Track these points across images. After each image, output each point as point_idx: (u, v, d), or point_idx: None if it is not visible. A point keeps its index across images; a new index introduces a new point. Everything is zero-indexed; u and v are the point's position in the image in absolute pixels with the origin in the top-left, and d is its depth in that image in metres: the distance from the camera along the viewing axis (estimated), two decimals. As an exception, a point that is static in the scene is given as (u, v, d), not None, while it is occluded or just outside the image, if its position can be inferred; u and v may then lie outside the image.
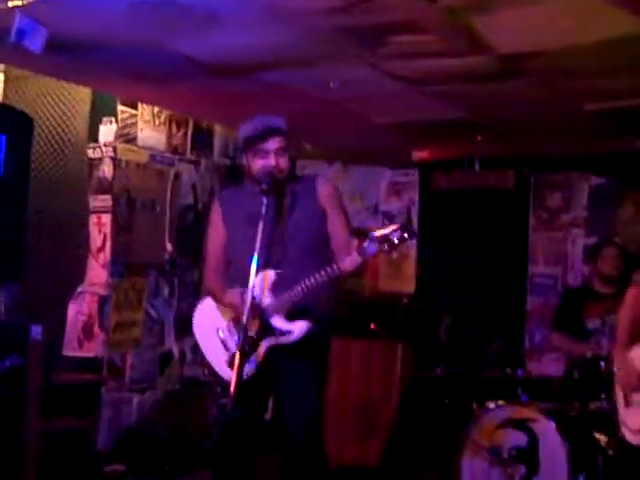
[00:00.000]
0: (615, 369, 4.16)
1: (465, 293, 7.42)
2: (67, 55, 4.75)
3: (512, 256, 7.59)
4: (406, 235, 3.52)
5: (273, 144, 3.79)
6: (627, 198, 7.21)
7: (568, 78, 5.07)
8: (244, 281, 3.67)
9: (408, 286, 7.89)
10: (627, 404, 3.99)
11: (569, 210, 7.51)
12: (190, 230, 6.46)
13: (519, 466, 5.02)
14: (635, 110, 5.72)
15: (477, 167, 7.65)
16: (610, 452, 4.83)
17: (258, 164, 3.80)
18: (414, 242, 7.41)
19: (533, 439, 5.04)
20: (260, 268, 3.63)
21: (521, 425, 5.09)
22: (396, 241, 3.52)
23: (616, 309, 4.37)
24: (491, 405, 5.25)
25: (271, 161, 3.77)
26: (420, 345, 6.65)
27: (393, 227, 3.54)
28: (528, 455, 5.01)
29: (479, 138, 6.78)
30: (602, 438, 4.93)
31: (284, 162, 3.81)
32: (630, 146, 6.82)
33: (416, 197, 8.10)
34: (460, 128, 6.49)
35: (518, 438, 5.07)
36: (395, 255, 3.59)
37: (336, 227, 3.89)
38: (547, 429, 5.00)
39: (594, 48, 4.39)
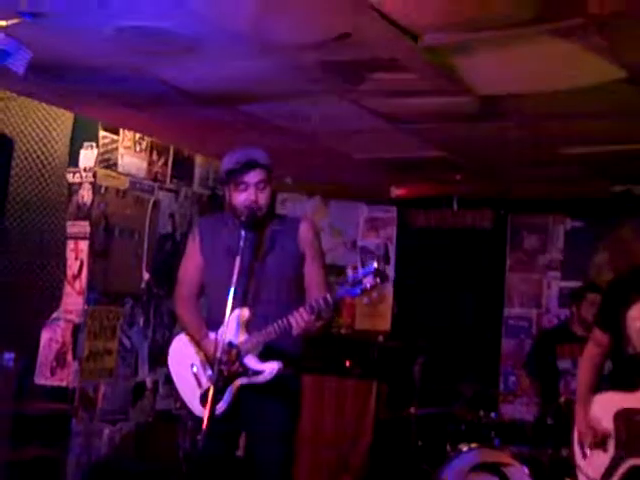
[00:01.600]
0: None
1: (441, 332, 7.42)
2: (50, 78, 4.74)
3: (488, 296, 7.62)
4: (378, 280, 3.52)
5: (254, 177, 3.77)
6: (602, 243, 7.26)
7: (545, 122, 5.14)
8: (219, 315, 3.66)
9: (384, 324, 7.89)
10: (584, 455, 4.01)
11: (545, 252, 7.54)
12: (167, 259, 6.41)
13: (491, 510, 5.00)
14: (611, 156, 5.79)
15: (455, 206, 7.68)
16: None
17: (238, 197, 3.78)
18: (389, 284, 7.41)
19: (506, 484, 5.02)
20: (235, 305, 3.61)
21: (494, 469, 5.08)
22: (368, 286, 3.52)
23: None
24: (464, 448, 5.24)
25: (251, 195, 3.76)
26: (394, 384, 6.63)
27: (366, 271, 3.53)
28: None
29: (458, 177, 6.82)
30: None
31: (264, 197, 3.78)
32: (605, 191, 6.88)
33: (394, 234, 8.12)
34: (439, 166, 6.54)
35: (491, 482, 5.05)
36: (366, 300, 3.58)
37: (312, 272, 3.88)
38: (520, 474, 5.00)
39: (571, 93, 4.45)
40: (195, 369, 3.86)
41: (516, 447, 5.25)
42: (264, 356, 3.72)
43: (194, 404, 3.83)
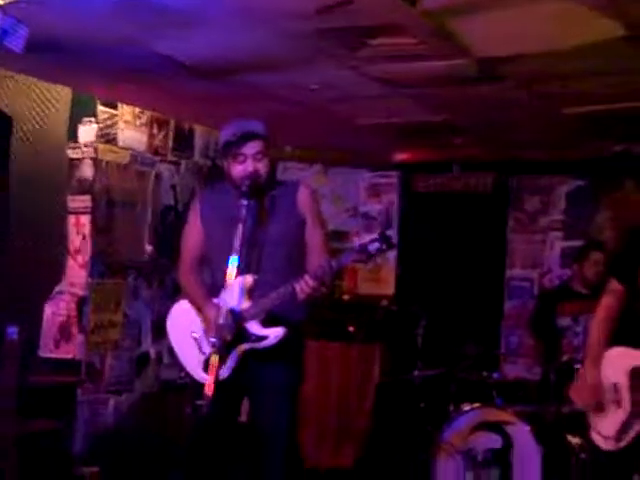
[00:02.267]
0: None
1: (443, 295, 7.46)
2: (47, 55, 4.74)
3: (490, 259, 7.64)
4: (384, 246, 3.56)
5: (251, 148, 3.79)
6: (603, 202, 7.27)
7: (546, 82, 5.11)
8: (222, 283, 3.70)
9: (387, 288, 7.93)
10: (597, 412, 3.99)
11: (547, 213, 7.56)
12: (170, 231, 6.44)
13: (493, 469, 5.05)
14: (613, 114, 5.78)
15: (457, 170, 7.69)
16: (583, 455, 4.87)
17: (237, 169, 3.81)
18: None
19: (507, 442, 5.08)
20: (238, 272, 3.65)
21: (496, 428, 5.13)
22: (373, 252, 3.55)
23: (591, 309, 4.33)
24: (466, 407, 5.29)
25: (249, 166, 3.78)
26: (397, 348, 6.68)
27: (372, 237, 3.57)
28: (502, 458, 5.05)
29: (458, 141, 6.83)
30: (575, 441, 4.97)
31: (263, 167, 3.81)
32: (608, 150, 6.88)
33: (396, 199, 8.13)
34: (440, 130, 6.53)
35: (493, 441, 5.11)
36: (370, 265, 3.62)
37: (314, 237, 3.91)
38: (522, 432, 5.05)
39: (572, 52, 4.43)
40: (196, 335, 3.90)
41: (518, 406, 5.29)
42: (268, 322, 3.75)
43: (196, 370, 3.87)
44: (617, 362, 3.96)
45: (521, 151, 7.26)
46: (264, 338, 3.74)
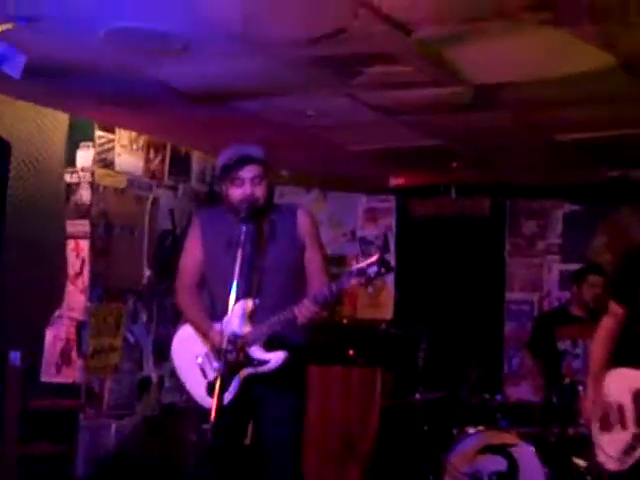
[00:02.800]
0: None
1: (443, 319, 7.45)
2: (45, 80, 4.77)
3: (489, 282, 7.64)
4: (383, 270, 3.57)
5: (249, 172, 3.79)
6: (600, 227, 7.29)
7: (539, 109, 5.16)
8: (222, 308, 3.69)
9: (386, 313, 7.92)
10: (602, 428, 4.00)
11: (544, 237, 7.58)
12: (168, 255, 6.44)
13: (499, 491, 5.04)
14: (606, 141, 5.82)
15: (453, 194, 7.70)
16: (589, 478, 4.86)
17: (235, 193, 3.81)
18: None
19: (513, 464, 5.05)
20: (239, 297, 3.65)
21: (501, 450, 5.10)
22: (372, 275, 3.56)
23: (590, 333, 4.35)
24: (471, 430, 5.27)
25: (247, 190, 3.79)
26: (399, 371, 6.67)
27: (370, 260, 3.58)
28: (508, 480, 5.03)
29: (454, 165, 6.85)
30: (581, 463, 4.96)
31: (260, 191, 3.81)
32: (602, 176, 6.91)
33: (393, 223, 8.14)
34: (436, 155, 6.56)
35: (498, 463, 5.08)
36: (371, 289, 3.63)
37: (313, 261, 3.92)
38: (527, 454, 5.02)
39: (565, 80, 4.48)
40: (200, 360, 3.89)
41: (522, 428, 5.27)
42: (269, 346, 3.75)
43: (200, 395, 3.86)
44: (621, 383, 3.96)
45: (516, 175, 7.29)
46: (266, 362, 3.74)
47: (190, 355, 3.94)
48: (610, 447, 3.92)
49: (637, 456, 3.84)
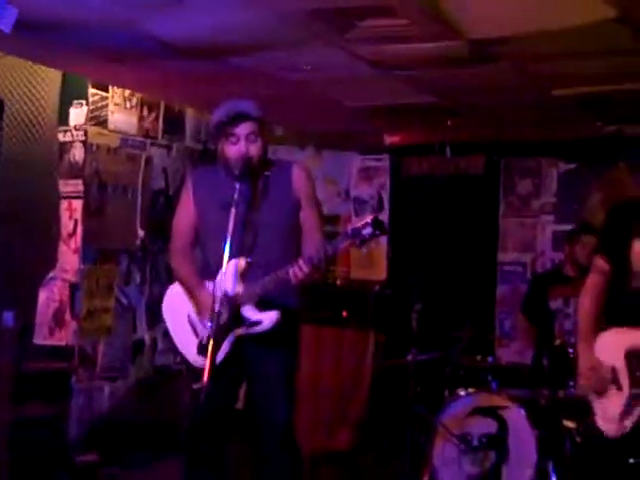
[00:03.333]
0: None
1: (436, 280, 7.45)
2: (37, 36, 4.70)
3: (482, 242, 7.63)
4: (377, 231, 3.52)
5: (244, 129, 3.74)
6: (595, 185, 7.26)
7: (537, 63, 5.12)
8: (215, 267, 3.67)
9: (380, 273, 7.92)
10: (598, 396, 3.97)
11: (539, 196, 7.55)
12: (162, 215, 6.41)
13: (489, 453, 5.06)
14: (602, 96, 5.78)
15: (448, 152, 7.67)
16: (578, 439, 4.88)
17: (230, 150, 3.77)
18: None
19: (503, 426, 5.08)
20: (232, 255, 3.62)
21: (491, 412, 5.13)
22: (367, 237, 3.53)
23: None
24: (462, 393, 5.29)
25: (242, 147, 3.74)
26: (391, 332, 6.68)
27: (365, 221, 3.54)
28: (498, 442, 5.05)
29: (449, 123, 6.81)
30: (570, 425, 4.98)
31: (255, 148, 3.77)
32: (598, 132, 6.88)
33: (387, 182, 8.11)
34: (431, 113, 6.53)
35: (488, 425, 5.11)
36: (365, 250, 3.60)
37: (309, 219, 3.88)
38: (517, 416, 5.05)
39: (562, 34, 4.43)
40: (191, 318, 3.88)
41: (513, 390, 5.30)
42: (261, 306, 3.73)
43: (191, 354, 3.84)
44: (612, 344, 3.93)
45: (512, 132, 7.25)
46: (259, 323, 3.72)
47: (181, 314, 3.92)
48: (608, 411, 3.90)
49: (634, 419, 3.83)
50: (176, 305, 3.98)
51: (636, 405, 3.83)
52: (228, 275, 3.65)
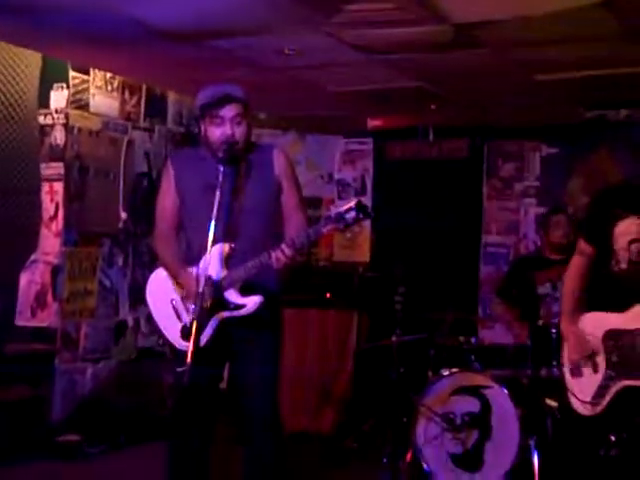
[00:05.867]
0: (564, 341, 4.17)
1: (419, 262, 7.46)
2: (17, 18, 4.67)
3: (466, 225, 7.67)
4: (361, 215, 3.52)
5: (229, 111, 3.73)
6: (577, 169, 7.30)
7: (519, 48, 5.13)
8: (198, 249, 3.67)
9: (363, 256, 7.95)
10: (574, 374, 4.03)
11: (522, 179, 7.58)
12: (144, 198, 6.41)
13: (472, 431, 5.09)
14: (585, 82, 5.80)
15: (431, 136, 7.68)
16: (559, 417, 4.93)
17: (215, 132, 3.75)
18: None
19: (486, 405, 5.11)
20: (216, 240, 3.62)
21: (474, 392, 5.16)
22: (350, 221, 3.53)
23: None
24: (445, 372, 5.32)
25: (227, 129, 3.73)
26: (375, 314, 6.70)
27: (349, 205, 3.54)
28: (481, 420, 5.08)
29: (433, 107, 6.82)
30: (552, 403, 5.02)
31: (240, 131, 3.75)
32: (580, 117, 6.90)
33: (370, 166, 8.13)
34: (414, 97, 6.53)
35: (471, 404, 5.14)
36: (349, 234, 3.60)
37: (290, 201, 3.88)
38: (499, 395, 5.08)
39: (544, 19, 4.44)
40: (175, 303, 3.88)
41: (496, 370, 5.33)
42: (245, 290, 3.73)
43: (175, 338, 3.84)
44: (591, 327, 4.00)
45: (495, 117, 7.27)
46: (242, 306, 3.72)
47: (165, 298, 3.91)
48: (583, 391, 3.96)
49: (608, 399, 3.88)
50: (160, 290, 3.96)
51: (610, 386, 3.89)
52: (213, 259, 3.65)
